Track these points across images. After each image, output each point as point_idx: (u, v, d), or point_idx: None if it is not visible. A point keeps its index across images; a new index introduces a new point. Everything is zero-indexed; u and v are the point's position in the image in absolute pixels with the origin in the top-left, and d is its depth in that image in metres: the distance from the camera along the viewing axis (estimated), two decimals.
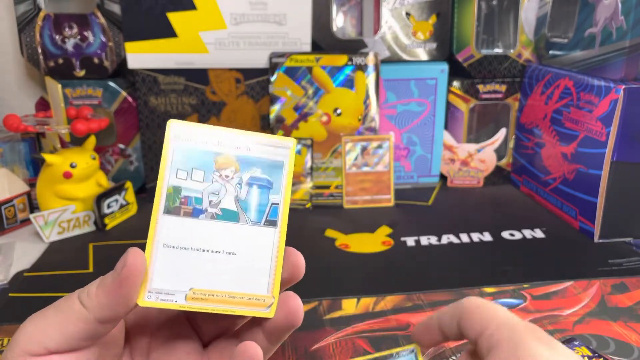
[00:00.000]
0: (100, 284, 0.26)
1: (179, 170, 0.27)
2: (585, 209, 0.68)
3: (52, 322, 0.25)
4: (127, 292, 0.25)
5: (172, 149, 0.27)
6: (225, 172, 0.27)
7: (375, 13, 0.83)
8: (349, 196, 0.79)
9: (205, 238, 0.27)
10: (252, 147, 0.28)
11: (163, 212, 0.27)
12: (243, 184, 0.28)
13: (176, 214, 0.27)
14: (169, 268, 0.27)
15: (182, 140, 0.27)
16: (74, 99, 0.77)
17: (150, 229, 0.27)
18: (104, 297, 0.25)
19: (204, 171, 0.27)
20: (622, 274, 0.58)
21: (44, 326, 0.25)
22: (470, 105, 0.85)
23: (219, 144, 0.27)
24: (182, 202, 0.27)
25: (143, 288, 0.26)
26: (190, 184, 0.27)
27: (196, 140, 0.27)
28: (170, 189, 0.27)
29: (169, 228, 0.27)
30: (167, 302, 0.26)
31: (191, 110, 0.79)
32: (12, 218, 0.71)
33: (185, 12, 0.74)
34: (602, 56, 0.67)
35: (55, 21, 0.74)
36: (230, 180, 0.28)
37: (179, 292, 0.27)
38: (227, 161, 0.27)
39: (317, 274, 0.59)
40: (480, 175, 0.87)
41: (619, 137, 0.63)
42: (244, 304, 0.27)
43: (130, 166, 0.81)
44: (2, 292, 0.56)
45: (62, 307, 0.26)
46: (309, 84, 0.78)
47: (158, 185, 0.27)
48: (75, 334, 0.25)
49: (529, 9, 0.81)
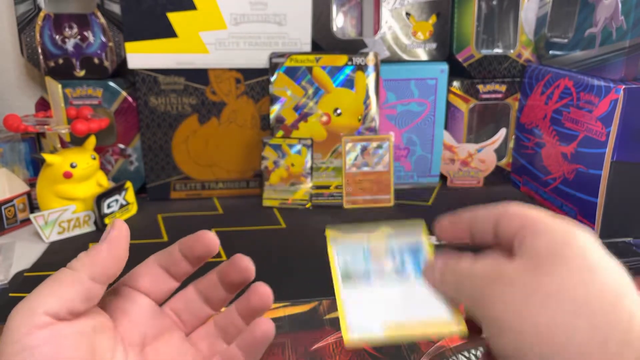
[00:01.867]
0: (91, 249, 0.29)
1: (344, 261, 0.35)
2: (585, 209, 0.68)
3: (47, 292, 0.27)
4: (117, 252, 0.29)
5: (335, 249, 0.36)
6: (379, 259, 0.34)
7: (375, 13, 0.83)
8: (348, 196, 0.79)
9: (382, 291, 0.33)
10: (394, 235, 0.35)
11: (342, 284, 0.33)
12: (397, 261, 0.34)
13: (352, 286, 0.33)
14: (361, 312, 0.31)
15: (339, 243, 0.37)
16: (74, 99, 0.77)
17: (336, 291, 0.33)
18: (96, 257, 0.28)
19: (364, 260, 0.34)
20: None
21: (41, 297, 0.27)
22: (470, 105, 0.85)
23: (369, 240, 0.36)
24: (355, 276, 0.33)
25: (345, 332, 0.30)
26: (356, 269, 0.34)
27: (350, 240, 0.36)
28: (342, 272, 0.34)
29: (349, 291, 0.33)
30: (369, 336, 0.30)
31: (191, 110, 0.79)
32: (12, 218, 0.71)
33: (186, 12, 0.74)
34: (602, 56, 0.67)
35: (56, 21, 0.74)
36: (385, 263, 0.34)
37: (376, 328, 0.30)
38: (379, 251, 0.35)
39: (317, 274, 0.59)
40: (480, 175, 0.87)
41: (618, 137, 0.63)
42: (434, 326, 0.30)
43: (131, 166, 0.81)
44: (2, 292, 0.56)
45: (54, 277, 0.28)
46: (309, 84, 0.78)
47: (333, 275, 0.34)
48: (72, 294, 0.27)
49: (529, 9, 0.81)
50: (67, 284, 0.27)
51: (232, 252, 0.67)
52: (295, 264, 0.61)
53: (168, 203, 0.81)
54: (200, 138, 0.80)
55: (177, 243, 0.33)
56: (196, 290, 0.34)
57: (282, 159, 0.78)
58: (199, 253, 0.33)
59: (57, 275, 0.28)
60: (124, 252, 0.29)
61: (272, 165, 0.79)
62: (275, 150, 0.78)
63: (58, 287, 0.27)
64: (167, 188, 0.82)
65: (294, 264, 0.61)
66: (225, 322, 0.34)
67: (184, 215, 0.76)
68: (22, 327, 0.25)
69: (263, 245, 0.66)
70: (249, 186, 0.84)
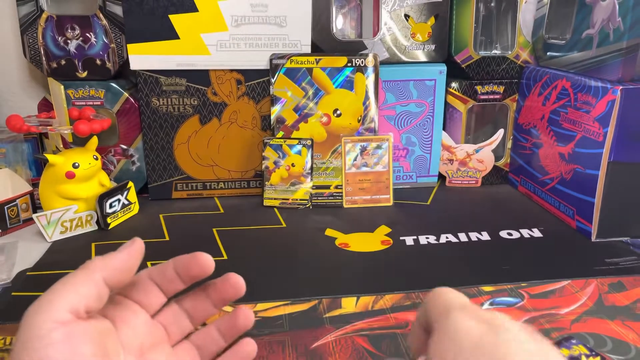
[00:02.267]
0: (106, 255, 0.31)
1: None
2: (583, 209, 0.69)
3: (67, 289, 0.28)
4: (130, 264, 0.31)
5: None
6: None
7: (374, 15, 0.84)
8: (348, 196, 0.80)
9: None
10: None
11: None
12: None
13: None
14: None
15: None
16: (76, 100, 0.78)
17: None
18: (111, 262, 0.30)
19: None
20: (619, 273, 0.59)
21: (61, 294, 0.28)
22: (468, 106, 0.85)
23: None
24: None
25: None
26: None
27: None
28: None
29: None
30: None
31: (193, 111, 0.79)
32: (15, 218, 0.71)
33: (187, 14, 0.75)
34: (599, 57, 0.67)
35: (58, 23, 0.75)
36: None
37: None
38: None
39: (317, 273, 0.59)
40: (478, 175, 0.88)
41: (616, 138, 0.63)
42: None
43: (133, 166, 0.82)
44: (5, 291, 0.57)
45: (69, 277, 0.29)
46: (309, 85, 0.79)
47: None
48: (88, 291, 0.29)
49: (526, 11, 0.81)
50: (83, 281, 0.29)
51: (232, 251, 0.68)
52: (295, 263, 0.62)
53: (169, 203, 0.82)
54: (201, 138, 0.81)
55: (172, 261, 0.34)
56: (182, 306, 0.36)
57: (283, 159, 0.79)
58: (194, 273, 0.34)
59: (72, 275, 0.29)
60: (135, 266, 0.31)
61: (272, 166, 0.79)
62: (275, 151, 0.79)
63: (75, 284, 0.29)
64: (168, 188, 0.83)
65: (294, 263, 0.62)
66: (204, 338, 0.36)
67: (185, 214, 0.77)
68: (46, 322, 0.26)
69: (263, 244, 0.67)
70: (249, 186, 0.84)
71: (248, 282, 0.37)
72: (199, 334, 0.36)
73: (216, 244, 0.67)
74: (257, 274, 0.59)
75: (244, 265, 0.61)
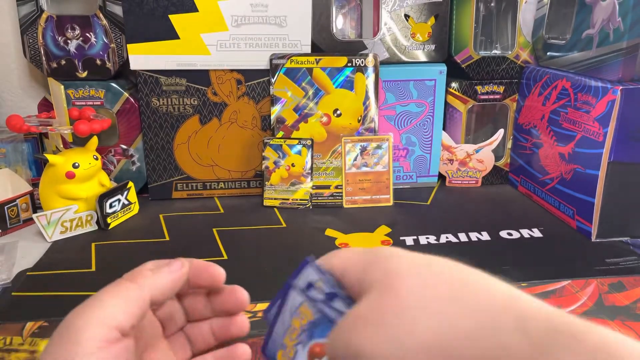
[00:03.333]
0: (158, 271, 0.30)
1: None
2: (583, 209, 0.69)
3: (117, 305, 0.28)
4: (175, 286, 0.31)
5: None
6: None
7: (374, 15, 0.84)
8: (348, 196, 0.80)
9: None
10: None
11: None
12: None
13: None
14: None
15: None
16: (76, 100, 0.78)
17: None
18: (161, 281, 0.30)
19: None
20: (620, 273, 0.59)
21: (110, 310, 0.27)
22: (468, 106, 0.85)
23: None
24: None
25: None
26: None
27: None
28: None
29: None
30: None
31: (193, 111, 0.80)
32: (15, 218, 0.71)
33: (187, 14, 0.75)
34: (599, 57, 0.67)
35: (58, 23, 0.75)
36: None
37: None
38: None
39: None
40: (478, 175, 0.88)
41: (616, 138, 0.63)
42: None
43: (133, 166, 0.82)
44: (5, 291, 0.57)
45: (120, 290, 0.29)
46: (309, 85, 0.79)
47: None
48: (137, 311, 0.28)
49: (526, 11, 0.81)
50: (134, 301, 0.28)
51: (232, 251, 0.68)
52: (295, 263, 0.62)
53: (170, 203, 0.82)
54: (201, 138, 0.81)
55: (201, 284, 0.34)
56: (182, 303, 0.35)
57: (283, 159, 0.79)
58: (204, 283, 0.34)
59: (123, 288, 0.29)
60: (177, 290, 0.32)
61: (272, 166, 0.79)
62: (275, 151, 0.79)
63: (128, 301, 0.28)
64: (168, 188, 0.83)
65: (294, 263, 0.62)
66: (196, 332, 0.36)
67: (185, 214, 0.77)
68: (95, 340, 0.26)
69: (264, 244, 0.67)
70: (249, 186, 0.84)
71: (248, 282, 0.37)
72: (192, 327, 0.36)
73: (216, 244, 0.67)
74: (257, 274, 0.59)
75: (244, 265, 0.61)
